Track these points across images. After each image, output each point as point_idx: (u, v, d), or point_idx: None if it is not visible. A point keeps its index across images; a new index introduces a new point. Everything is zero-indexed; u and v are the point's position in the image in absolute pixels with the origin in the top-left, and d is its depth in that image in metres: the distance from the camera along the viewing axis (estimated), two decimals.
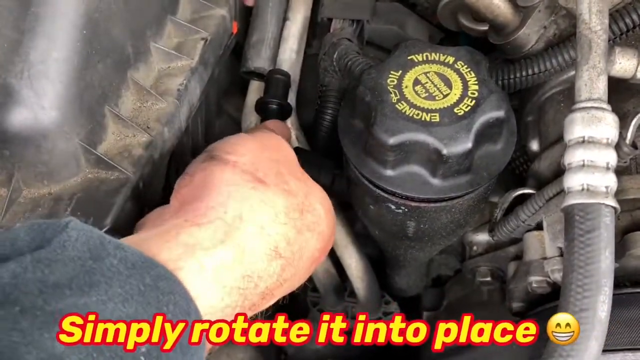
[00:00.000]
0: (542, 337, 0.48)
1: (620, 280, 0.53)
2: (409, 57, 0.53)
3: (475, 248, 0.73)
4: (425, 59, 0.53)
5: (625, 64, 0.51)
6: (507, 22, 0.64)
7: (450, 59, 0.53)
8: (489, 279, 0.71)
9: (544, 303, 0.59)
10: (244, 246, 0.41)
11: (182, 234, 0.40)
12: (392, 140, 0.48)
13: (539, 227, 0.60)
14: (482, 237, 0.72)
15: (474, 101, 0.50)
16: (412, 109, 0.50)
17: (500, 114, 0.50)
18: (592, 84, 0.49)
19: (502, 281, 0.73)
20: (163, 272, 0.36)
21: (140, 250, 0.36)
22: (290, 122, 0.69)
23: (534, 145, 0.68)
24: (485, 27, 0.69)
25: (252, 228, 0.42)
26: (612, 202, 0.46)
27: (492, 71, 0.62)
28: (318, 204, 0.49)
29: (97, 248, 0.34)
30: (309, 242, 0.47)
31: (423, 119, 0.49)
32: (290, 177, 0.47)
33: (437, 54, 0.53)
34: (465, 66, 0.52)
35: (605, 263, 0.44)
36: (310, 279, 0.80)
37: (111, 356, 0.31)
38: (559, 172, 0.59)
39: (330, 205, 0.52)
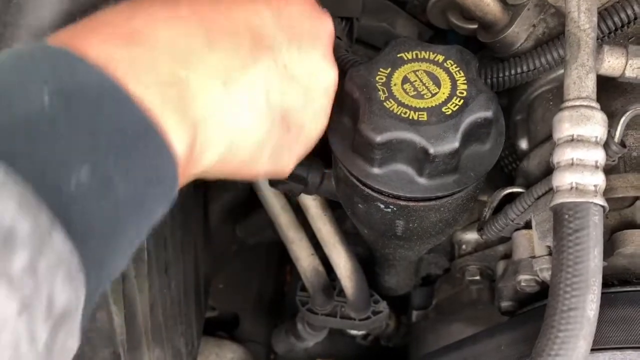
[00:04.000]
0: (530, 336, 0.48)
1: (609, 279, 0.53)
2: (398, 55, 0.53)
3: (464, 247, 0.73)
4: (415, 57, 0.53)
5: (613, 62, 0.51)
6: (496, 20, 0.63)
7: (440, 58, 0.53)
8: (478, 277, 0.71)
9: (533, 302, 0.59)
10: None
11: None
12: (379, 138, 0.48)
13: (527, 225, 0.60)
14: (471, 236, 0.72)
15: (462, 101, 0.50)
16: (400, 107, 0.49)
17: (488, 114, 0.49)
18: (581, 82, 0.49)
19: (491, 280, 0.74)
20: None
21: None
22: None
23: (523, 144, 0.68)
24: (474, 25, 0.69)
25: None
26: (601, 200, 0.46)
27: (481, 69, 0.61)
28: None
29: None
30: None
31: (411, 117, 0.49)
32: None
33: (427, 52, 0.53)
34: (455, 65, 0.52)
35: (594, 262, 0.44)
36: (299, 278, 0.79)
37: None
38: (548, 170, 0.59)
39: None
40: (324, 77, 0.46)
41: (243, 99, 0.40)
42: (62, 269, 0.29)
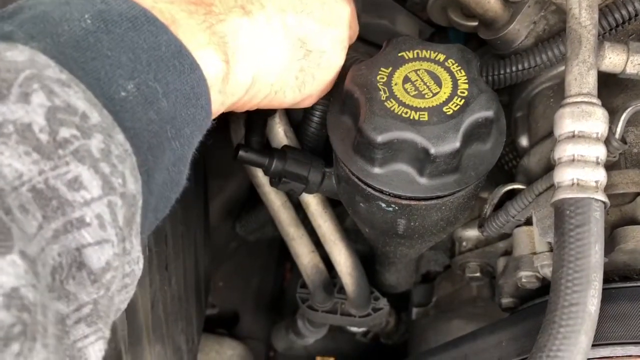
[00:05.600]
0: (531, 332, 0.48)
1: (610, 275, 0.53)
2: (399, 54, 0.53)
3: (464, 244, 0.73)
4: (416, 56, 0.53)
5: (614, 59, 0.52)
6: (497, 17, 0.63)
7: (441, 57, 0.52)
8: (478, 274, 0.71)
9: (533, 298, 0.59)
10: None
11: None
12: (380, 138, 0.48)
13: (528, 222, 0.60)
14: (472, 233, 0.72)
15: (463, 100, 0.50)
16: (401, 106, 0.49)
17: (489, 114, 0.49)
18: (582, 79, 0.49)
19: (492, 277, 0.74)
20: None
21: None
22: (279, 117, 0.68)
23: (524, 141, 0.68)
24: (475, 23, 0.69)
25: None
26: (602, 196, 0.46)
27: (482, 67, 0.61)
28: None
29: None
30: None
31: (412, 117, 0.49)
32: None
33: (428, 51, 0.53)
34: (456, 64, 0.52)
35: (595, 257, 0.44)
36: (299, 275, 0.79)
37: None
38: (549, 167, 0.59)
39: None
40: (336, 7, 0.50)
41: (262, 26, 0.44)
42: (128, 161, 0.32)
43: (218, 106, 0.41)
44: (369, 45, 0.78)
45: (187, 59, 0.37)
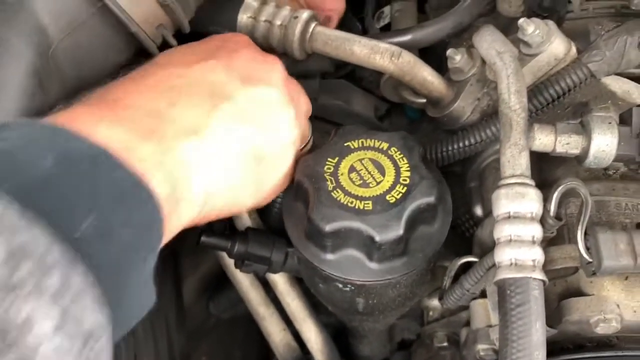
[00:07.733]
0: None
1: (564, 344, 0.55)
2: (345, 144, 0.56)
3: (431, 313, 0.74)
4: (360, 145, 0.56)
5: (544, 140, 0.55)
6: (442, 96, 0.67)
7: (385, 145, 0.56)
8: (445, 344, 0.72)
9: None
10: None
11: None
12: (327, 228, 0.50)
13: (484, 294, 0.61)
14: (437, 303, 0.73)
15: (405, 188, 0.52)
16: (347, 196, 0.52)
17: (430, 200, 0.52)
18: (515, 161, 0.52)
19: (459, 345, 0.75)
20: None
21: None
22: None
23: (478, 210, 0.70)
24: (424, 100, 0.72)
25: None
26: (540, 275, 0.48)
27: (432, 144, 0.65)
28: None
29: None
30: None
31: (357, 207, 0.51)
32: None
33: (372, 140, 0.56)
34: (399, 152, 0.55)
35: (536, 335, 0.46)
36: (273, 355, 0.80)
37: None
38: None
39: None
40: (284, 112, 0.52)
41: (212, 145, 0.46)
42: (89, 293, 0.33)
43: (172, 227, 0.43)
44: (327, 124, 0.81)
45: (144, 191, 0.39)
